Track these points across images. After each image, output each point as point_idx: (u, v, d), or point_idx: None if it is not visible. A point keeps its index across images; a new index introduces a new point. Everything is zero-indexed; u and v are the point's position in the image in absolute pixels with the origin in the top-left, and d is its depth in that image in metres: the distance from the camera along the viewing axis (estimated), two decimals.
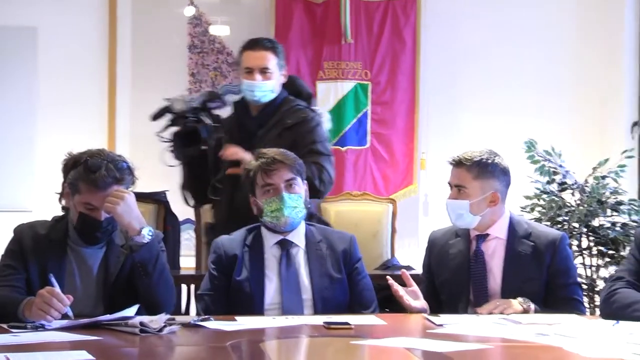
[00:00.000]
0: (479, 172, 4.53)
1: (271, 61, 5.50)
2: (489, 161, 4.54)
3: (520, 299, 4.33)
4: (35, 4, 7.90)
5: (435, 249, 4.71)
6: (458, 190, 4.55)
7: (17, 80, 7.96)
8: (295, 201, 4.42)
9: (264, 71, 5.48)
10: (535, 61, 8.07)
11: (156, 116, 5.67)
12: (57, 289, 3.85)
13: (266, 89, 5.49)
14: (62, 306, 3.80)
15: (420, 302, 4.38)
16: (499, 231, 4.57)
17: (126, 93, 7.98)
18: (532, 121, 7.65)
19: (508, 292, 4.43)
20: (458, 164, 4.57)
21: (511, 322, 4.00)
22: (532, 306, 4.30)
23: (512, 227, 4.60)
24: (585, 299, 5.77)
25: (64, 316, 3.81)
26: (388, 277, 4.46)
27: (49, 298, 3.80)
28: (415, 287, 4.43)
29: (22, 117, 7.94)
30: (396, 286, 4.35)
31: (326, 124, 5.80)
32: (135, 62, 7.99)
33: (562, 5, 8.07)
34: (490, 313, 4.23)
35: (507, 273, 4.46)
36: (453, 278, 4.54)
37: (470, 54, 8.07)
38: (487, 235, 4.56)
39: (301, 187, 4.49)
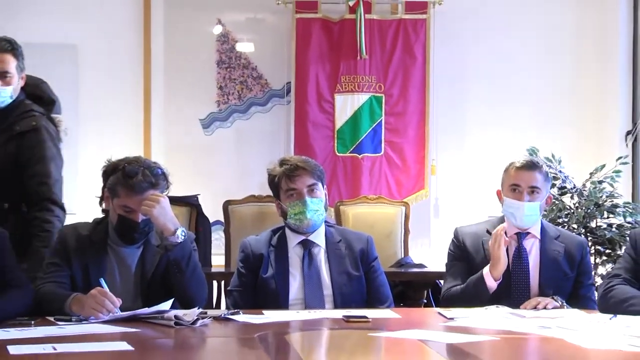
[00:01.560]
0: (546, 175, 4.59)
1: (11, 64, 4.82)
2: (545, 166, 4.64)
3: (555, 297, 4.33)
4: (76, 23, 7.91)
5: (468, 245, 4.65)
6: (532, 191, 4.50)
7: (59, 94, 7.92)
8: (316, 205, 4.42)
9: (3, 75, 4.79)
10: (536, 76, 8.05)
11: None
12: (108, 291, 3.88)
13: (5, 94, 4.80)
14: (112, 307, 3.82)
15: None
16: (536, 230, 4.57)
17: (160, 105, 7.99)
18: (534, 131, 7.63)
19: (545, 287, 4.44)
20: (532, 167, 4.55)
21: (516, 315, 3.99)
22: (565, 303, 4.31)
23: (544, 228, 4.61)
24: None
25: None
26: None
27: (101, 299, 3.82)
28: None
29: (65, 127, 7.94)
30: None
31: (61, 133, 5.27)
32: (168, 77, 8.00)
33: (560, 25, 8.05)
34: (534, 308, 4.23)
35: (545, 270, 4.46)
36: None
37: (476, 70, 8.06)
38: (528, 233, 4.56)
39: (322, 191, 4.48)
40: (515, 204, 4.49)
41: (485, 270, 4.41)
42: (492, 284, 4.38)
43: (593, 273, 6.07)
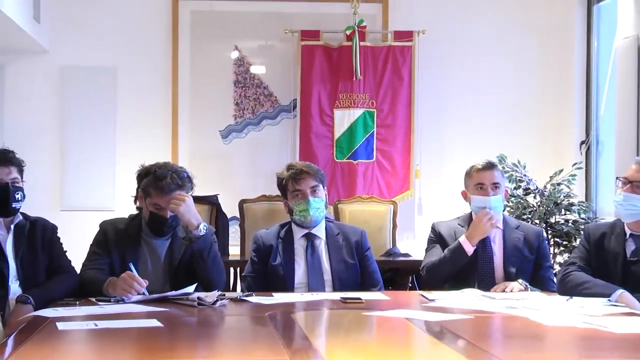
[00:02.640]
0: (502, 172, 4.73)
1: None
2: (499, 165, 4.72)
3: (520, 280, 4.34)
4: (116, 48, 7.91)
5: (443, 231, 4.68)
6: (495, 187, 4.56)
7: (100, 109, 7.97)
8: (318, 203, 4.43)
9: None
10: (505, 94, 8.04)
11: None
12: (136, 274, 3.89)
13: None
14: (139, 287, 3.84)
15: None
16: (499, 222, 4.58)
17: (185, 118, 7.98)
18: (503, 141, 7.62)
19: (508, 269, 4.46)
20: (491, 166, 4.61)
21: (487, 297, 4.00)
22: (529, 286, 4.32)
23: (505, 220, 4.63)
24: None
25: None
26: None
27: (130, 281, 3.85)
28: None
29: (105, 137, 7.94)
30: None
31: None
32: (192, 95, 7.99)
33: (525, 51, 8.03)
34: (503, 291, 4.24)
35: (508, 255, 4.47)
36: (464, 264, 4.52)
37: (454, 89, 8.05)
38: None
39: (322, 192, 4.49)
40: (484, 199, 4.51)
41: (462, 238, 4.46)
42: (469, 248, 4.42)
43: (552, 261, 6.09)
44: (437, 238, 4.69)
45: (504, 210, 4.81)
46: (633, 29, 6.46)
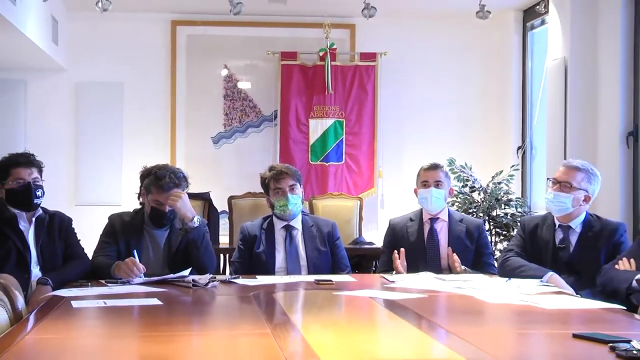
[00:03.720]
0: (446, 173, 4.70)
1: None
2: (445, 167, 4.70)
3: (462, 267, 4.34)
4: (122, 66, 7.89)
5: (396, 231, 4.67)
6: (437, 185, 4.56)
7: (109, 118, 7.94)
8: (296, 199, 4.43)
9: None
10: (454, 107, 8.07)
11: None
12: (137, 260, 3.88)
13: None
14: (138, 272, 3.83)
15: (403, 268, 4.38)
16: (444, 216, 4.59)
17: (182, 126, 7.96)
18: (453, 146, 7.65)
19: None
20: (435, 167, 4.65)
21: (439, 279, 4.00)
22: (467, 269, 4.34)
23: (450, 214, 4.62)
24: None
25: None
26: (395, 252, 4.42)
27: (131, 266, 3.84)
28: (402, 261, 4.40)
29: (114, 142, 7.92)
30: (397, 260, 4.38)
31: None
32: (188, 106, 7.97)
33: (471, 71, 8.07)
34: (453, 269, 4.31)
35: (451, 244, 4.47)
36: (412, 248, 4.49)
37: (411, 102, 8.07)
38: (438, 218, 4.56)
39: (299, 190, 4.49)
40: (426, 192, 4.55)
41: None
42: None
43: (493, 248, 6.12)
44: (390, 237, 4.70)
45: (452, 206, 4.83)
46: (561, 52, 6.51)
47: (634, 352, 2.20)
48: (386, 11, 6.92)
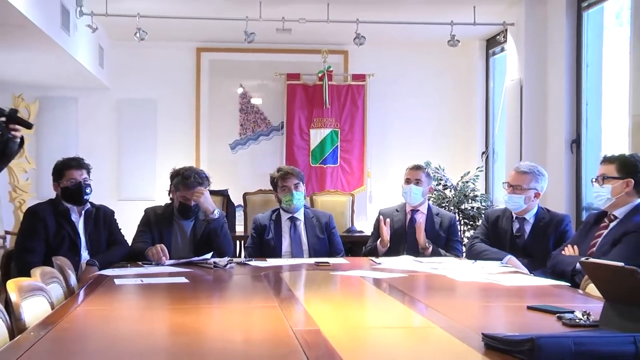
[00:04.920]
0: (427, 174, 4.59)
1: None
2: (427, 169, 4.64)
3: (427, 241, 4.30)
4: (156, 86, 7.91)
5: (384, 219, 4.64)
6: (417, 182, 4.49)
7: (145, 129, 7.95)
8: (299, 196, 4.42)
9: None
10: (431, 119, 8.07)
11: None
12: (164, 247, 3.90)
13: None
14: (162, 256, 3.84)
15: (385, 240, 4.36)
16: (424, 209, 4.55)
17: (205, 135, 7.97)
18: (429, 151, 7.60)
19: (427, 241, 4.40)
20: (417, 168, 4.55)
21: (417, 261, 4.00)
22: (433, 245, 4.30)
23: (429, 208, 4.59)
24: None
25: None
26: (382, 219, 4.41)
27: (159, 250, 3.84)
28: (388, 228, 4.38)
29: (148, 148, 7.93)
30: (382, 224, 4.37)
31: None
32: (210, 118, 7.98)
33: (445, 89, 8.08)
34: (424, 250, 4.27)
35: (428, 232, 4.42)
36: (396, 235, 4.46)
37: (394, 114, 8.07)
38: (418, 210, 4.53)
39: (302, 187, 4.46)
40: (407, 187, 4.50)
41: (377, 244, 4.41)
42: (381, 250, 4.39)
43: (462, 236, 6.12)
44: (378, 222, 4.64)
45: (429, 200, 4.80)
46: (517, 74, 6.52)
47: (577, 320, 2.20)
48: (374, 40, 6.94)
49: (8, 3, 4.39)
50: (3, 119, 2.64)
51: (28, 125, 2.74)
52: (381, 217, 4.45)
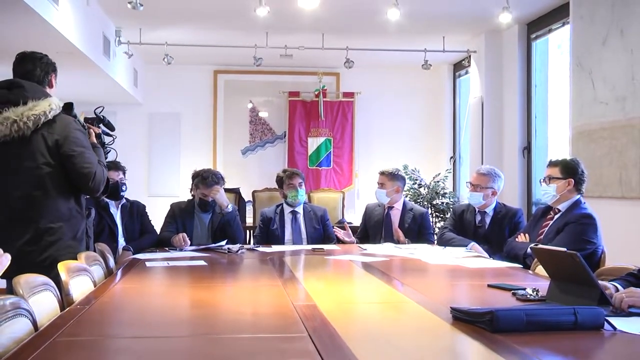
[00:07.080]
0: (392, 176, 4.44)
1: None
2: (399, 172, 4.53)
3: (406, 239, 4.28)
4: (180, 102, 7.91)
5: (368, 212, 4.61)
6: (381, 186, 4.44)
7: (171, 137, 7.93)
8: (302, 192, 4.41)
9: None
10: (408, 130, 8.08)
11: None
12: (185, 236, 3.89)
13: None
14: (183, 244, 3.83)
15: (350, 238, 4.35)
16: (399, 205, 4.51)
17: (220, 142, 7.96)
18: (406, 156, 7.61)
19: (401, 233, 4.39)
20: (384, 173, 4.46)
21: (397, 247, 3.99)
22: (409, 241, 4.27)
23: (404, 204, 4.56)
24: None
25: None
26: (337, 228, 4.43)
27: (180, 239, 3.83)
28: (348, 231, 4.37)
29: (174, 153, 7.93)
30: (339, 232, 4.36)
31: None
32: (225, 129, 7.98)
33: (419, 104, 8.09)
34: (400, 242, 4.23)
35: (401, 225, 4.41)
36: (375, 226, 4.47)
37: (378, 126, 8.07)
38: (393, 207, 4.52)
39: (303, 186, 4.46)
40: (377, 191, 4.48)
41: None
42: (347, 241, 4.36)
43: (434, 227, 6.13)
44: (364, 215, 4.65)
45: (406, 197, 4.77)
46: (479, 93, 6.53)
47: (528, 295, 2.20)
48: (361, 64, 6.96)
49: (61, 35, 4.46)
50: (103, 128, 2.57)
51: (112, 128, 2.76)
52: (337, 228, 4.43)
